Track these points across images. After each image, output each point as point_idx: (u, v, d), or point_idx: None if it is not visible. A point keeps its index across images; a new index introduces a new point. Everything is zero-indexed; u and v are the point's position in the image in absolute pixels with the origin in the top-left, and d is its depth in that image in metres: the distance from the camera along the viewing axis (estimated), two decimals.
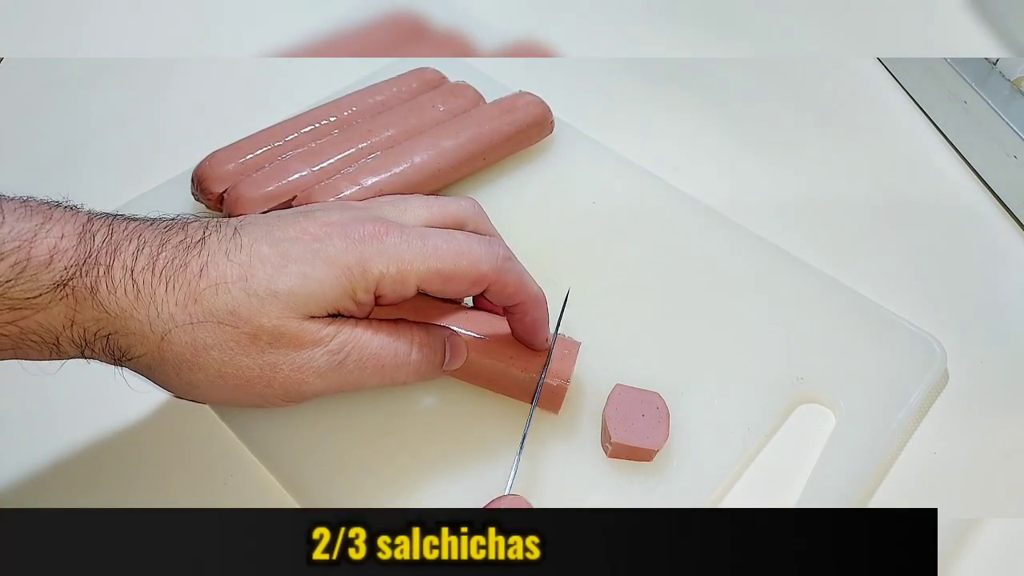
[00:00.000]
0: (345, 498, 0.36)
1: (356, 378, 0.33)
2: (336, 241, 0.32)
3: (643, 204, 0.50)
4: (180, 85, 0.61)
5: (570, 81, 0.61)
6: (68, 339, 0.29)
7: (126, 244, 0.30)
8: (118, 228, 0.30)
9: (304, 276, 0.31)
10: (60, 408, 0.40)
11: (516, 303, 0.35)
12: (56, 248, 0.28)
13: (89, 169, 0.54)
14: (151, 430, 0.39)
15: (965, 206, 0.52)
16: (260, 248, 0.31)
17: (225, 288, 0.30)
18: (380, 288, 0.32)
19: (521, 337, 0.37)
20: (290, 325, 0.31)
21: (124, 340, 0.30)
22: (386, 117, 0.50)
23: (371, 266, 0.32)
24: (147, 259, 0.30)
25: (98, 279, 0.29)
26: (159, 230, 0.31)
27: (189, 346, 0.30)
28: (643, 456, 0.37)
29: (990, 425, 0.41)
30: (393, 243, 0.32)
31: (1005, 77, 0.54)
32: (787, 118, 0.59)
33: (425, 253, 0.32)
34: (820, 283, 0.45)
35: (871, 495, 0.38)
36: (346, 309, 0.32)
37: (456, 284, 0.33)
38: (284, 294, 0.30)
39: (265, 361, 0.31)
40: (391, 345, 0.33)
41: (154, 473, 0.38)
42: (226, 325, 0.30)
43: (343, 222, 0.33)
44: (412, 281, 0.32)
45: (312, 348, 0.31)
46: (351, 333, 0.32)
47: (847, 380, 0.40)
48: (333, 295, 0.31)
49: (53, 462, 0.38)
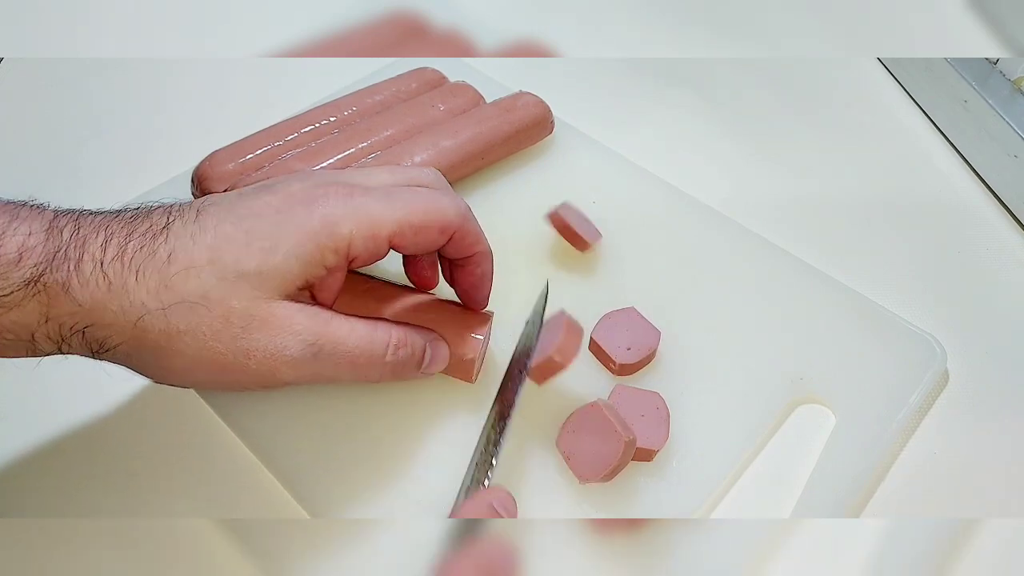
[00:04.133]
0: (334, 486, 0.36)
1: (330, 372, 0.33)
2: (299, 209, 0.32)
3: (643, 204, 0.50)
4: (180, 85, 0.61)
5: (570, 81, 0.61)
6: (44, 335, 0.29)
7: (93, 237, 0.30)
8: (84, 222, 0.30)
9: (270, 252, 0.31)
10: (52, 400, 0.40)
11: (471, 254, 0.36)
12: (24, 245, 0.28)
13: (89, 169, 0.54)
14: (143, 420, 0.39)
15: (965, 206, 0.52)
16: (224, 228, 0.31)
17: (195, 272, 0.30)
18: (352, 248, 0.32)
19: (467, 293, 0.37)
20: (260, 306, 0.31)
21: (100, 332, 0.30)
22: (386, 117, 0.50)
23: (339, 227, 0.32)
24: (116, 250, 0.30)
25: (69, 273, 0.29)
26: (124, 220, 0.31)
27: (164, 333, 0.30)
28: (643, 456, 0.37)
29: (990, 425, 0.41)
30: (361, 202, 0.32)
31: (1005, 77, 0.54)
32: (787, 118, 0.59)
33: (394, 208, 0.33)
34: (820, 283, 0.45)
35: (871, 495, 0.38)
36: (316, 276, 0.32)
37: (426, 235, 0.33)
38: (252, 274, 0.31)
39: (239, 347, 0.31)
40: (366, 344, 0.33)
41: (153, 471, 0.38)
42: (199, 306, 0.30)
43: (305, 189, 0.33)
44: (384, 235, 0.33)
45: (284, 334, 0.31)
46: (325, 325, 0.32)
47: (847, 380, 0.40)
48: (300, 266, 0.31)
49: (46, 459, 0.38)
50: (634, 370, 0.40)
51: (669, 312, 0.43)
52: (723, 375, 0.41)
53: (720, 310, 0.44)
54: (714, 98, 0.60)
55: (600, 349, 0.40)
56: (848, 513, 0.36)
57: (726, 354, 0.42)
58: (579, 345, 0.36)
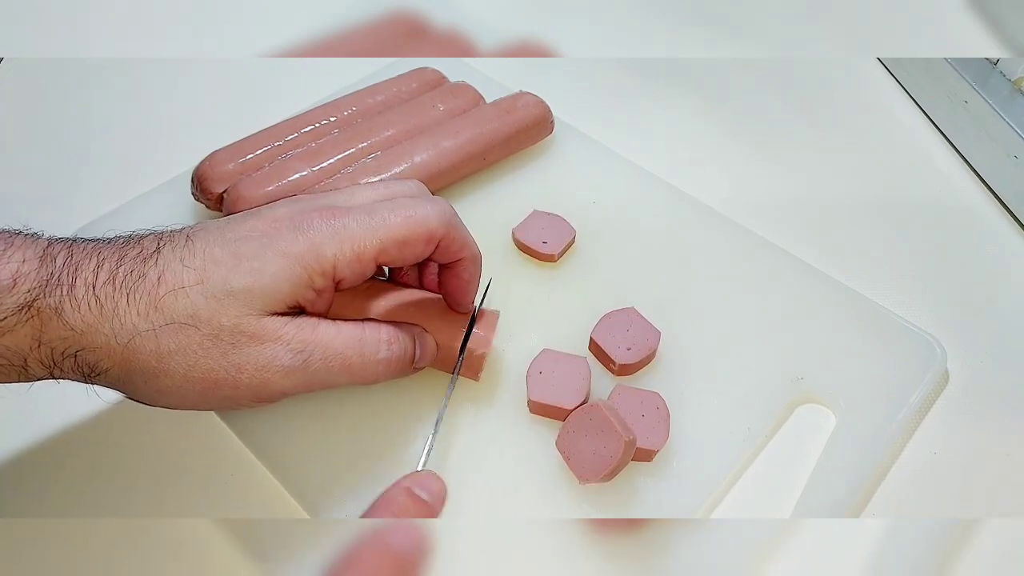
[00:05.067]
0: (334, 486, 0.36)
1: (323, 377, 0.33)
2: (285, 233, 0.32)
3: (643, 204, 0.50)
4: (180, 85, 0.61)
5: (570, 81, 0.61)
6: (36, 360, 0.30)
7: (86, 262, 0.30)
8: (77, 249, 0.31)
9: (258, 272, 0.31)
10: (51, 400, 0.40)
11: (459, 259, 0.36)
12: (18, 272, 0.29)
13: (89, 169, 0.54)
14: (143, 420, 0.39)
15: (965, 206, 0.52)
16: (213, 251, 0.32)
17: (184, 293, 0.31)
18: (338, 271, 0.33)
19: (453, 295, 0.37)
20: (249, 322, 0.31)
21: (92, 356, 0.30)
22: (386, 117, 0.50)
23: (324, 250, 0.32)
24: (107, 274, 0.30)
25: (62, 298, 0.29)
26: (116, 246, 0.32)
27: (154, 353, 0.30)
28: (643, 456, 0.37)
29: (990, 425, 0.41)
30: (342, 224, 0.33)
31: (1006, 77, 0.54)
32: (787, 118, 0.59)
33: (375, 226, 0.33)
34: (820, 283, 0.45)
35: (871, 495, 0.38)
36: (305, 299, 0.33)
37: (412, 248, 0.34)
38: (240, 292, 0.31)
39: (229, 362, 0.31)
40: (356, 343, 0.33)
41: (154, 471, 0.38)
42: (188, 327, 0.30)
43: (290, 214, 0.33)
44: (369, 256, 0.33)
45: (274, 345, 0.31)
46: (313, 331, 0.32)
47: (847, 380, 0.40)
48: (289, 287, 0.32)
49: (46, 459, 0.38)
50: (634, 370, 0.40)
51: (669, 312, 0.43)
52: (723, 375, 0.41)
53: (720, 310, 0.44)
54: (714, 98, 0.60)
55: (600, 349, 0.40)
56: (848, 513, 0.36)
57: (726, 354, 0.42)
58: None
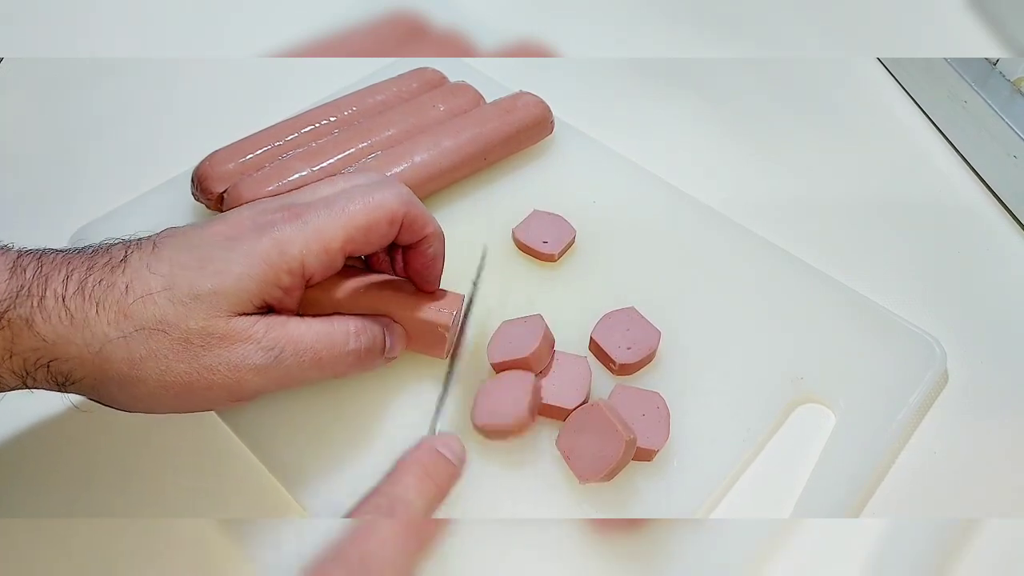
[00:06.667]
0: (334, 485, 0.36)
1: (296, 373, 0.33)
2: (249, 235, 0.33)
3: (643, 204, 0.50)
4: (180, 85, 0.61)
5: (570, 81, 0.61)
6: (8, 370, 0.30)
7: (55, 273, 0.31)
8: (47, 260, 0.31)
9: (223, 274, 0.32)
10: (51, 399, 0.40)
11: (422, 237, 0.36)
12: None
13: (89, 169, 0.54)
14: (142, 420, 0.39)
15: (965, 206, 0.52)
16: (179, 257, 0.32)
17: (151, 299, 0.31)
18: (307, 267, 0.33)
19: (420, 273, 0.37)
20: (218, 324, 0.31)
21: (65, 365, 0.30)
22: (386, 117, 0.50)
23: (289, 248, 0.33)
24: (76, 284, 0.30)
25: (32, 310, 0.29)
26: (85, 256, 0.32)
27: (126, 360, 0.30)
28: (643, 456, 0.37)
29: (990, 425, 0.41)
30: (304, 221, 0.33)
31: (1005, 77, 0.54)
32: (787, 118, 0.59)
33: (337, 217, 0.33)
34: (820, 283, 0.45)
35: (871, 495, 0.38)
36: (273, 297, 0.33)
37: (376, 232, 0.34)
38: (206, 295, 0.31)
39: (202, 364, 0.31)
40: (326, 337, 0.34)
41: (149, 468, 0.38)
42: (158, 332, 0.31)
43: (253, 216, 0.34)
44: (336, 247, 0.33)
45: (245, 345, 0.32)
46: (283, 328, 0.33)
47: (847, 380, 0.40)
48: (255, 286, 0.32)
49: (45, 459, 0.38)
50: (634, 370, 0.40)
51: (669, 312, 0.43)
52: (723, 375, 0.41)
53: (720, 310, 0.44)
54: (714, 98, 0.60)
55: (600, 349, 0.40)
56: (848, 513, 0.36)
57: (726, 354, 0.42)
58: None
